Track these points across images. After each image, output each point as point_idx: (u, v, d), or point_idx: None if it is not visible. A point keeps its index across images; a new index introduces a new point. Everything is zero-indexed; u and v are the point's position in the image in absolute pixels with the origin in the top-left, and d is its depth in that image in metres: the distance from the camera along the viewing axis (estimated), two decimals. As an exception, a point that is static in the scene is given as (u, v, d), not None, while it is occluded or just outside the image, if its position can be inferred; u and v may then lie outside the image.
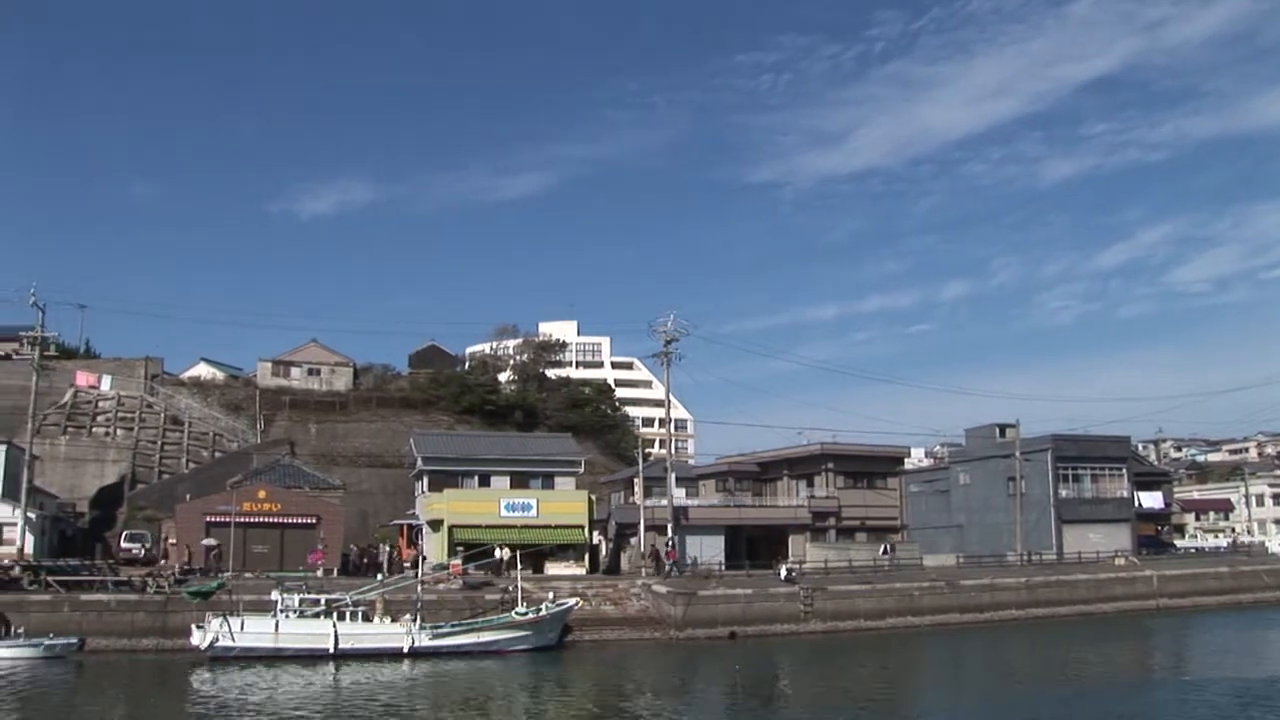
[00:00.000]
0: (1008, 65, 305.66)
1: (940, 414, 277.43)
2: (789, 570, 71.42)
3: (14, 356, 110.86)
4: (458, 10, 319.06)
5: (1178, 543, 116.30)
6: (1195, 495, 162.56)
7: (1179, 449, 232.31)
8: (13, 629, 54.65)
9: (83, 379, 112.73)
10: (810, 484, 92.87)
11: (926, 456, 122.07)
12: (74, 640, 54.18)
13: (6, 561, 63.80)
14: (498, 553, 70.23)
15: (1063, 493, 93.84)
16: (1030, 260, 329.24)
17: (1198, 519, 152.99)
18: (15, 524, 71.14)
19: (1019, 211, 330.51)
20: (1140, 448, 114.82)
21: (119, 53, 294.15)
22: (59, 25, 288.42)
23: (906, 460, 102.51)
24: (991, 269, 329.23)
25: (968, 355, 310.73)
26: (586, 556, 77.84)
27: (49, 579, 60.13)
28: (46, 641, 53.41)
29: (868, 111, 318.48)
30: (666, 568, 73.36)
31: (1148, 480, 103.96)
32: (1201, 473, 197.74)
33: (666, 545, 75.90)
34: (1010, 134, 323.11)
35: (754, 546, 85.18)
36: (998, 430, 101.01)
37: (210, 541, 73.97)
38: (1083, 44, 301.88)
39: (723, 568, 77.43)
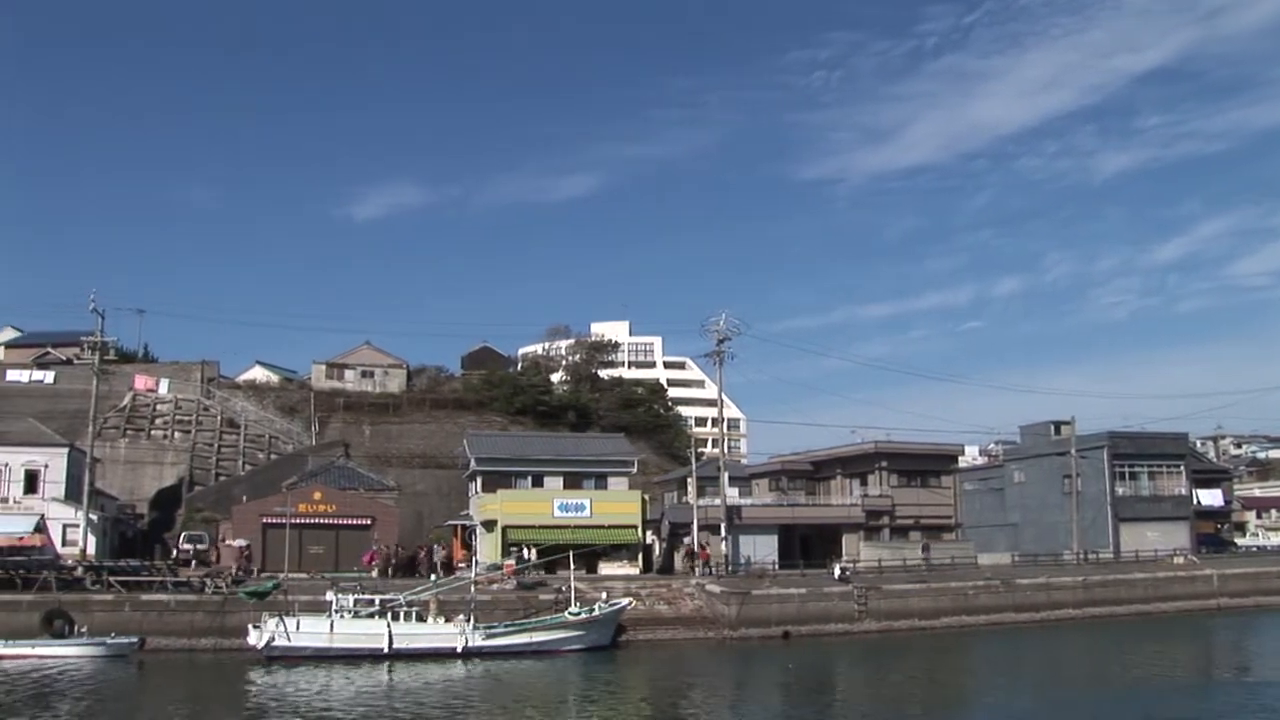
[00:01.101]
0: (1061, 58, 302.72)
1: (994, 411, 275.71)
2: (843, 569, 71.14)
3: (75, 361, 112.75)
4: (508, 11, 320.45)
5: (1238, 541, 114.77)
6: (1256, 492, 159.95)
7: (1239, 446, 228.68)
8: (76, 628, 55.51)
9: (141, 383, 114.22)
10: (864, 483, 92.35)
11: (981, 455, 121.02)
12: (135, 639, 54.85)
13: (70, 562, 64.78)
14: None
15: (1119, 490, 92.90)
16: (1085, 255, 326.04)
17: (1259, 517, 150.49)
18: (78, 525, 72.33)
19: (1073, 206, 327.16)
20: (1199, 444, 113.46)
21: (174, 59, 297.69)
22: (115, 30, 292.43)
23: (960, 458, 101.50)
24: (1045, 264, 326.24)
25: (1022, 352, 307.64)
26: (640, 556, 77.90)
27: (111, 579, 61.03)
28: (109, 640, 54.18)
29: (920, 107, 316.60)
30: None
31: (1207, 477, 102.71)
32: (1262, 469, 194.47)
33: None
34: (1064, 127, 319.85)
35: (807, 546, 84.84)
36: (1052, 428, 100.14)
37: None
38: (1137, 35, 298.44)
39: (776, 567, 77.26)
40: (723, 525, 77.20)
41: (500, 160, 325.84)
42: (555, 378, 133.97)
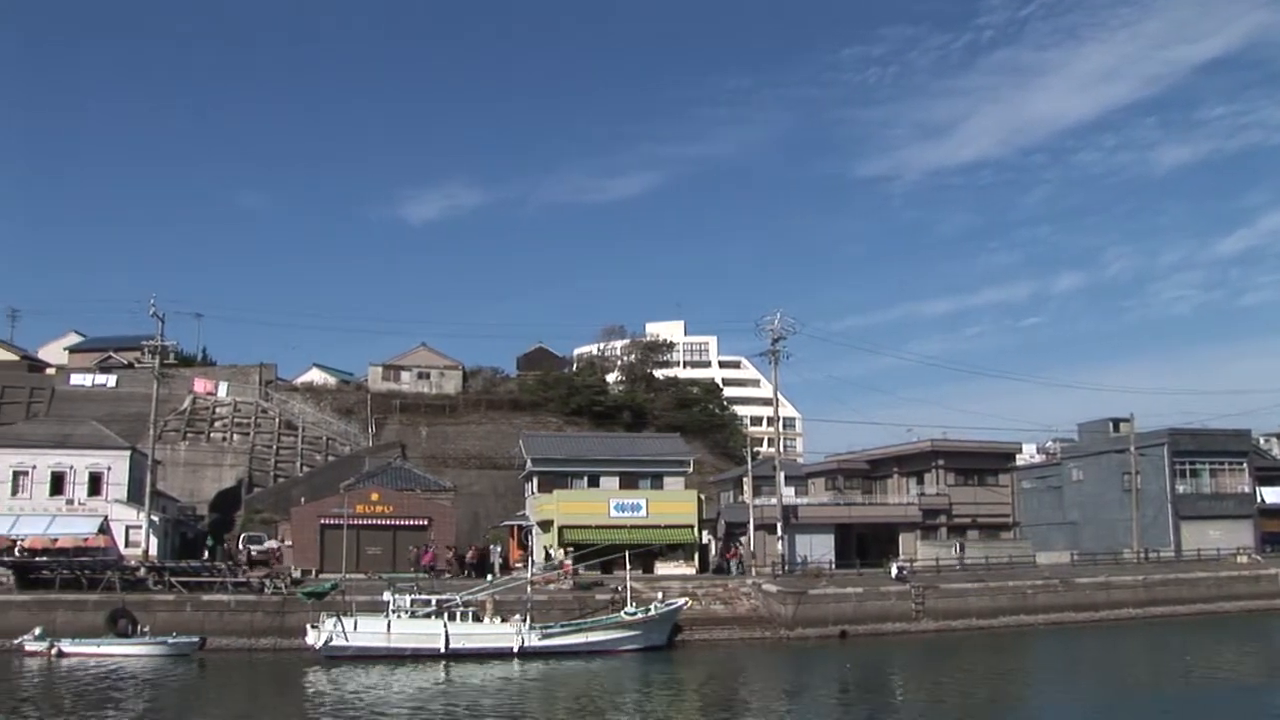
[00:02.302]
0: (1119, 49, 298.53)
1: (1052, 409, 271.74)
2: (900, 569, 70.72)
3: (136, 365, 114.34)
4: (560, 12, 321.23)
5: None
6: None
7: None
8: (139, 627, 56.34)
9: (200, 386, 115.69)
10: (920, 481, 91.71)
11: (1038, 452, 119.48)
12: (195, 639, 55.60)
13: (133, 563, 65.66)
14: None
15: (1180, 488, 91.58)
16: (1145, 249, 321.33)
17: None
18: (140, 527, 73.30)
19: (1133, 199, 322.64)
20: (1262, 441, 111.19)
21: (230, 59, 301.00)
22: (171, 30, 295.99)
23: (1018, 456, 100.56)
24: (1105, 259, 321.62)
25: (1080, 348, 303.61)
26: (696, 556, 77.82)
27: (172, 580, 61.81)
28: (170, 640, 54.96)
29: (976, 101, 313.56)
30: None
31: (1272, 475, 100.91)
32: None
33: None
34: (1123, 120, 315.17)
35: (864, 545, 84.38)
36: (1111, 425, 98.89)
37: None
38: (1198, 23, 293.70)
39: (833, 567, 76.91)
40: (779, 525, 76.97)
41: (554, 161, 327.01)
42: (610, 378, 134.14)
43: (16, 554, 65.30)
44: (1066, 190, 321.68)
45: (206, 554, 76.32)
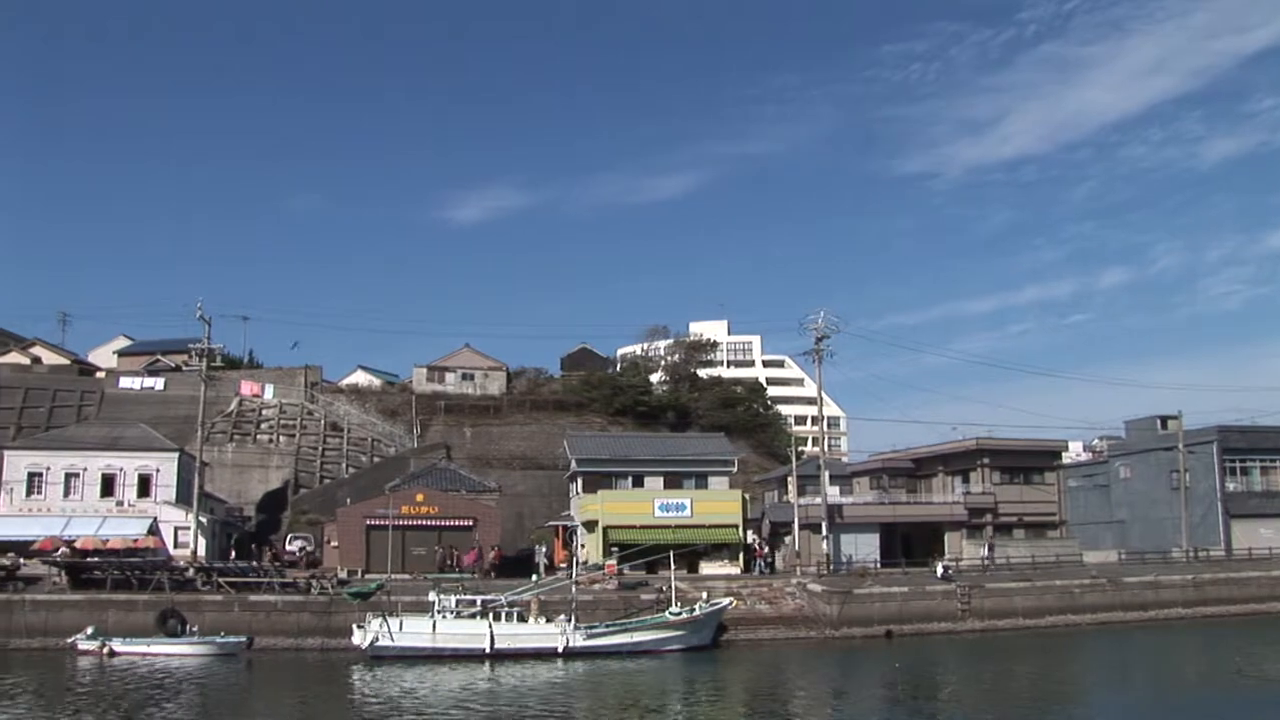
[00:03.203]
0: (1164, 41, 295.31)
1: (1099, 406, 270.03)
2: (945, 568, 70.34)
3: (183, 368, 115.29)
4: (602, 12, 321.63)
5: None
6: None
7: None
8: (188, 627, 56.94)
9: (247, 388, 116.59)
10: (966, 480, 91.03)
11: (1085, 450, 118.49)
12: (243, 639, 56.14)
13: (182, 563, 66.30)
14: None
15: (1230, 486, 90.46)
16: (1193, 245, 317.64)
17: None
18: (189, 528, 73.97)
19: (1180, 194, 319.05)
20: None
21: (273, 68, 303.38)
22: (213, 37, 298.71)
23: (1064, 454, 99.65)
24: (1152, 255, 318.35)
25: (1127, 345, 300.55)
26: (741, 556, 77.66)
27: (220, 580, 62.38)
28: (218, 639, 55.53)
29: (1018, 97, 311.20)
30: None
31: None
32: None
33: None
34: (1169, 114, 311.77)
35: (909, 544, 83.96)
36: (1159, 422, 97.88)
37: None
38: (1246, 14, 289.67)
39: (878, 566, 76.58)
40: (824, 524, 76.71)
41: (597, 161, 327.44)
42: (654, 378, 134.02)
43: (67, 554, 65.95)
44: (1111, 186, 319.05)
45: (233, 554, 77.11)
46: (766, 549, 77.99)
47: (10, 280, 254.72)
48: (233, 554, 76.73)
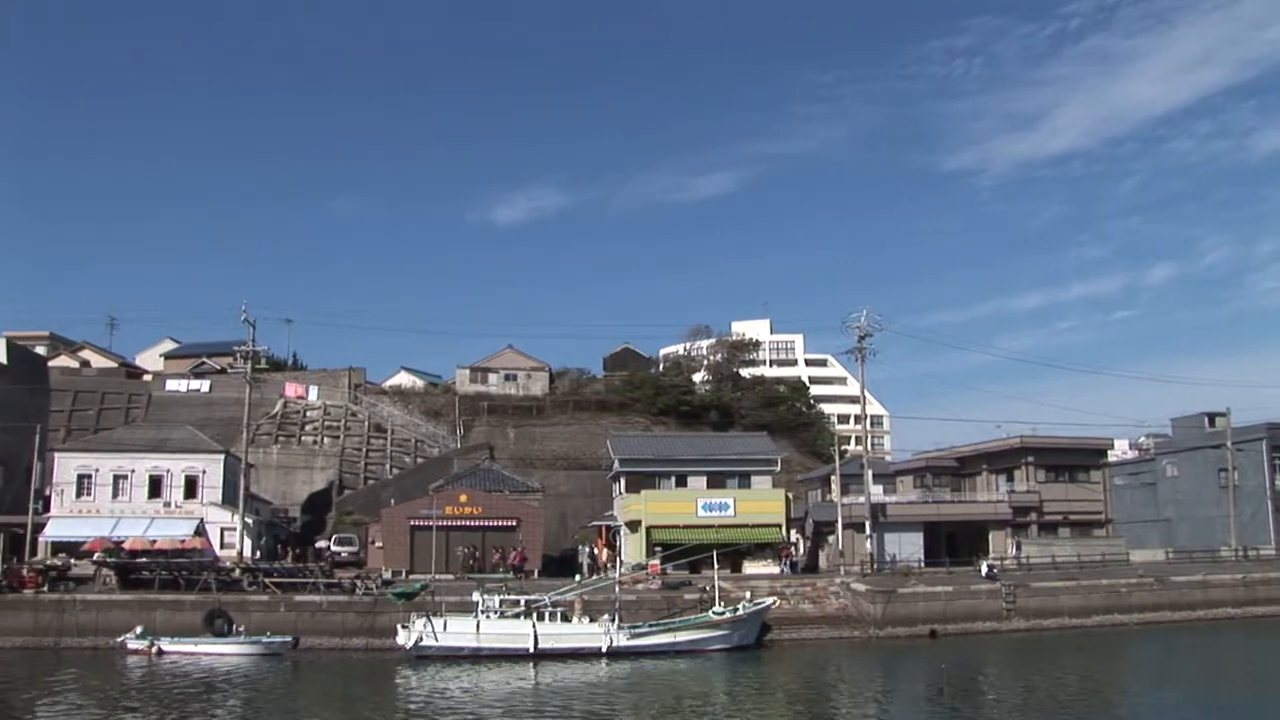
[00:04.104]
0: (1212, 32, 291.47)
1: (1145, 404, 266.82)
2: (990, 567, 69.85)
3: (228, 371, 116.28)
4: (642, 12, 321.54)
5: None
6: None
7: None
8: (235, 627, 57.39)
9: (291, 390, 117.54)
10: (1010, 478, 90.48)
11: (1131, 448, 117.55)
12: (289, 638, 56.53)
13: (228, 564, 66.84)
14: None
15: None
16: (1243, 239, 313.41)
17: None
18: (235, 529, 74.54)
19: (1230, 188, 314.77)
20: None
21: (314, 72, 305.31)
22: (259, 46, 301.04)
23: (1110, 452, 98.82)
24: (1200, 250, 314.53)
25: (1175, 341, 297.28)
26: (785, 555, 77.41)
27: (266, 580, 62.84)
28: (265, 639, 55.93)
29: (1064, 91, 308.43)
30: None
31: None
32: None
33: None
34: (1218, 106, 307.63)
35: (953, 543, 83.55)
36: (1207, 419, 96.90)
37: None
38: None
39: (922, 565, 76.21)
40: (867, 523, 76.38)
41: (638, 161, 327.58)
42: (697, 378, 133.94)
43: (111, 553, 66.69)
44: (1159, 179, 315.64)
45: (292, 553, 77.63)
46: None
47: (59, 285, 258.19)
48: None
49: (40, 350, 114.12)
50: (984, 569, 69.30)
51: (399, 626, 55.21)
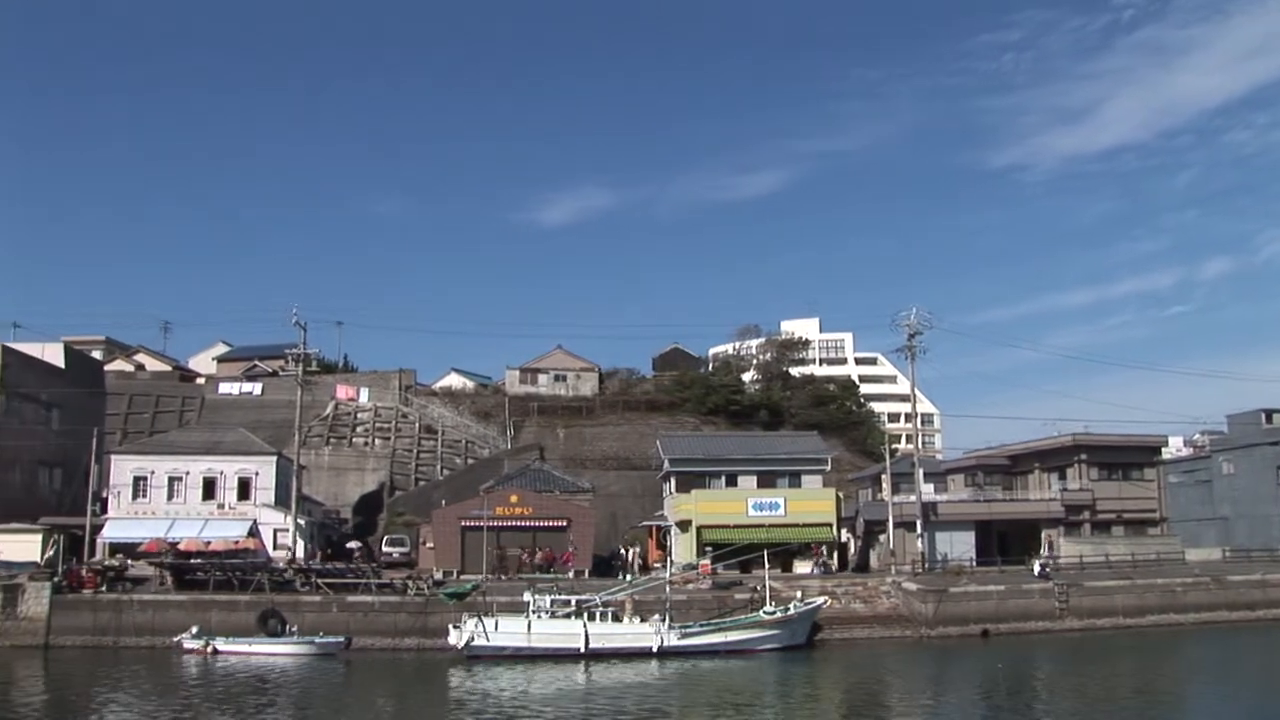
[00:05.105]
0: (1270, 20, 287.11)
1: (1200, 400, 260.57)
2: (1043, 566, 69.30)
3: (280, 373, 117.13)
4: (689, 12, 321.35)
5: None
6: None
7: None
8: (288, 627, 57.90)
9: (342, 392, 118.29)
10: (1062, 476, 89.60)
11: (1186, 445, 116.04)
12: (342, 639, 56.93)
13: (281, 564, 67.41)
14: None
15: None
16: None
17: None
18: (287, 530, 75.20)
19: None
20: None
21: (362, 75, 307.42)
22: (302, 47, 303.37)
23: (1164, 450, 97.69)
24: (1257, 243, 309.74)
25: (1230, 337, 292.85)
26: (835, 554, 77.17)
27: (318, 581, 63.34)
28: (317, 639, 56.42)
29: (1114, 84, 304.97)
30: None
31: None
32: None
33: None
34: (1275, 96, 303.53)
35: (1005, 542, 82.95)
36: (1264, 416, 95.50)
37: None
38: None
39: (973, 564, 75.72)
40: (918, 522, 75.99)
41: (685, 160, 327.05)
42: (746, 377, 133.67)
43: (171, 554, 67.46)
44: (1215, 172, 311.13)
45: (357, 552, 78.28)
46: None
47: (114, 290, 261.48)
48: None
49: (96, 355, 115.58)
50: (1036, 568, 68.78)
51: (450, 626, 55.49)
